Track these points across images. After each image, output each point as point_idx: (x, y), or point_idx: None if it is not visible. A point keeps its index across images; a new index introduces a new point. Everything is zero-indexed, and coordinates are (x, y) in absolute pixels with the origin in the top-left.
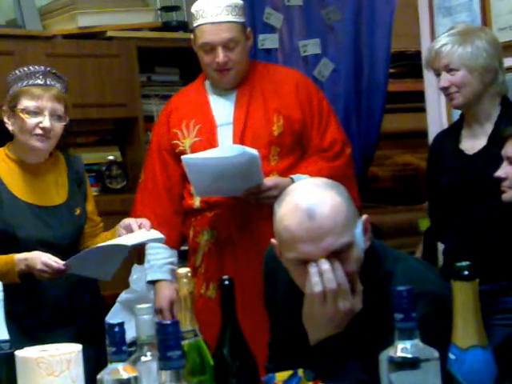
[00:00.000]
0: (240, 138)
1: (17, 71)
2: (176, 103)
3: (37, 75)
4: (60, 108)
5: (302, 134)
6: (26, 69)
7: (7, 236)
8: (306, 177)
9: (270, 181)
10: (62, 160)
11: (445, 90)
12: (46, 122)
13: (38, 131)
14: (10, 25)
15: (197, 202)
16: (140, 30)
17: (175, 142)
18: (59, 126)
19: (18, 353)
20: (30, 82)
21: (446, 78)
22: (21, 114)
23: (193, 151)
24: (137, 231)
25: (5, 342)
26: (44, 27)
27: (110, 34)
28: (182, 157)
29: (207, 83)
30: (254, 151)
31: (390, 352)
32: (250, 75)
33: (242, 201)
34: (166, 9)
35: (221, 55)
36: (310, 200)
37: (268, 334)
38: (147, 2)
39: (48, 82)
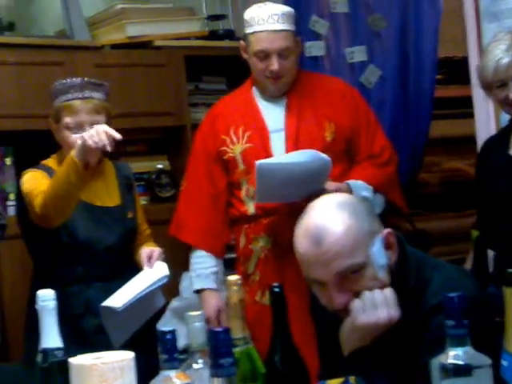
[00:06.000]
0: (294, 143)
1: (56, 84)
2: (221, 110)
3: (75, 88)
4: (100, 119)
5: (351, 141)
6: (64, 81)
7: (63, 232)
8: (361, 183)
9: (331, 186)
10: (110, 166)
11: None
12: None
13: None
14: (58, 35)
15: (251, 209)
16: (187, 39)
17: (223, 148)
18: None
19: (72, 360)
20: (69, 97)
21: None
22: (63, 130)
23: (244, 158)
24: (145, 270)
25: (58, 349)
26: (93, 37)
27: (157, 43)
28: (256, 161)
29: (255, 90)
30: (327, 156)
31: (441, 359)
32: (297, 83)
33: (299, 206)
34: (213, 17)
35: (275, 63)
36: (319, 225)
37: None
38: (194, 11)
39: (86, 95)
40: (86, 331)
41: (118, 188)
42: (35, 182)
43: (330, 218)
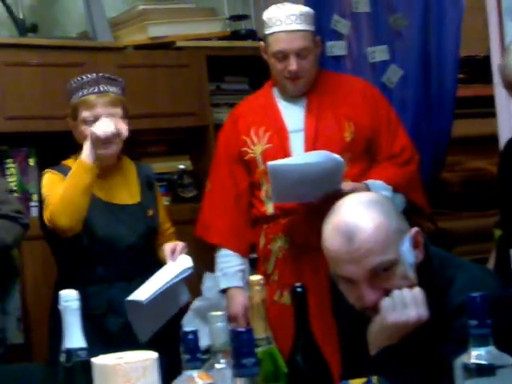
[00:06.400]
0: (312, 144)
1: (72, 82)
2: (243, 110)
3: (90, 83)
4: (117, 111)
5: (372, 141)
6: (79, 79)
7: (83, 232)
8: (380, 182)
9: (348, 186)
10: (131, 164)
11: None
12: None
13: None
14: (81, 37)
15: (270, 209)
16: (209, 39)
17: (244, 149)
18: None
19: (95, 360)
20: (85, 92)
21: None
22: (81, 126)
23: (264, 158)
24: (169, 264)
25: (81, 349)
26: (115, 38)
27: (179, 43)
28: (268, 163)
29: (275, 90)
30: (339, 157)
31: (464, 359)
32: (317, 83)
33: (317, 206)
34: (235, 18)
35: (294, 63)
36: (350, 222)
37: None
38: (215, 12)
39: (102, 89)
40: (110, 331)
41: (137, 185)
42: (51, 187)
43: (360, 215)
